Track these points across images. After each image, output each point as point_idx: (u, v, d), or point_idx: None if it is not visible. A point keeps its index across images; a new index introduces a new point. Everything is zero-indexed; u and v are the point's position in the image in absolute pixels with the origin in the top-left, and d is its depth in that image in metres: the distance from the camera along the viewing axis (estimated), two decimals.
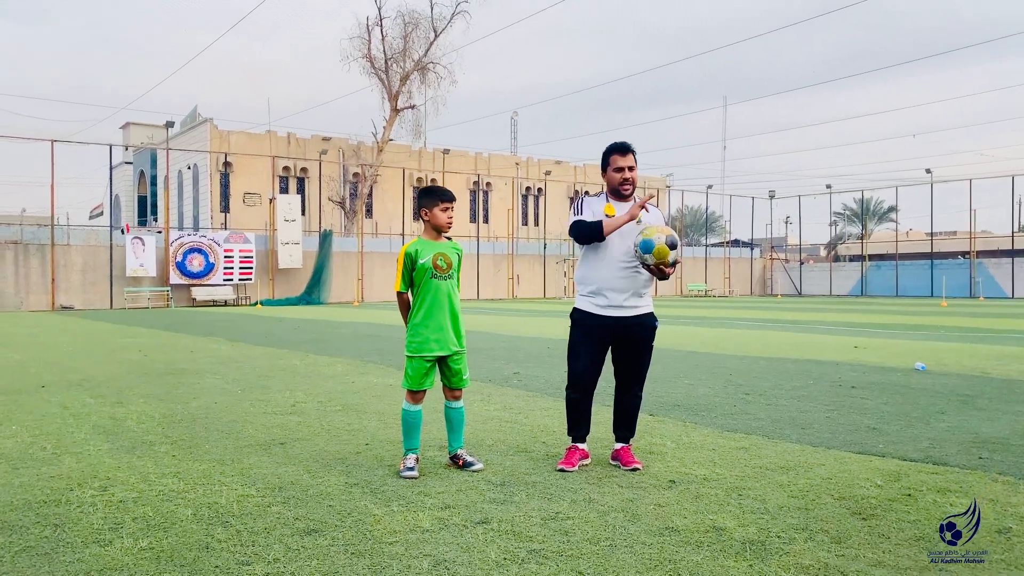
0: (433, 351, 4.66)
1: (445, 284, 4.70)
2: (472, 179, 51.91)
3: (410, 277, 4.71)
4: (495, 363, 10.40)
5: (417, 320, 4.69)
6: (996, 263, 46.75)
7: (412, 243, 4.74)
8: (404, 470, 4.54)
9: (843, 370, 9.46)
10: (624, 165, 4.72)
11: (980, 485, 4.26)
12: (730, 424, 6.10)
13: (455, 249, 4.80)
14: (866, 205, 62.25)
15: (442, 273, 4.68)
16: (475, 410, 6.74)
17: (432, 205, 4.70)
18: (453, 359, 4.73)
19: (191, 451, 5.22)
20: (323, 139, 46.26)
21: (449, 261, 4.72)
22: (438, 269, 4.67)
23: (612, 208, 4.73)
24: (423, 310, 4.67)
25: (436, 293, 4.67)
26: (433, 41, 42.80)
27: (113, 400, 7.43)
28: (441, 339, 4.67)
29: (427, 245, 4.71)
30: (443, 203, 4.70)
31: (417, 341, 4.67)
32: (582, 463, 4.79)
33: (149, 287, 34.21)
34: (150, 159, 50.83)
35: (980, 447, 5.21)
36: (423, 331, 4.66)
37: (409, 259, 4.67)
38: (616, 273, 4.69)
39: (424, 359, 4.66)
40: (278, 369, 9.91)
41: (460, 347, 4.76)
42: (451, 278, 4.73)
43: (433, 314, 4.67)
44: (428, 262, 4.65)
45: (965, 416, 6.37)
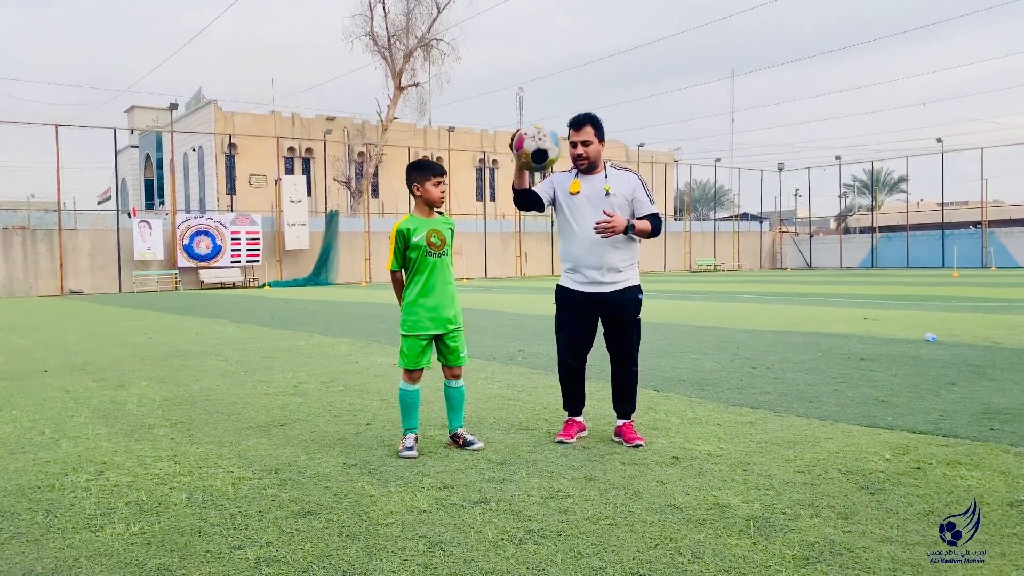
0: (428, 329, 4.57)
1: (440, 261, 4.60)
2: (478, 156, 51.62)
3: (403, 256, 4.60)
4: (500, 341, 10.33)
5: (412, 299, 4.59)
6: (1008, 232, 46.30)
7: (404, 220, 4.63)
8: (403, 450, 4.48)
9: (852, 342, 9.34)
10: (577, 140, 4.57)
11: (990, 457, 4.15)
12: (736, 399, 6.00)
13: (447, 224, 4.71)
14: (876, 176, 61.67)
15: (436, 250, 4.58)
16: (478, 388, 6.67)
17: (424, 180, 4.58)
18: (450, 336, 4.63)
19: (190, 434, 5.17)
20: (327, 119, 46.03)
21: (443, 237, 4.61)
22: (432, 246, 4.57)
23: (578, 184, 4.62)
24: (418, 288, 4.58)
25: (432, 271, 4.57)
26: (436, 17, 42.38)
27: (115, 383, 7.39)
28: (437, 317, 4.58)
29: (420, 222, 4.60)
30: (435, 177, 4.59)
31: (412, 320, 4.58)
32: (579, 435, 4.79)
33: (157, 271, 34.26)
34: (155, 142, 50.74)
35: (991, 418, 5.10)
36: (418, 310, 4.57)
37: (402, 237, 4.56)
38: (588, 248, 4.60)
39: (419, 338, 4.57)
40: (282, 350, 9.86)
41: (457, 324, 4.67)
42: (445, 254, 4.63)
43: (428, 292, 4.57)
44: (422, 239, 4.54)
45: (976, 387, 6.26)
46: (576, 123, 4.59)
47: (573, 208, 4.64)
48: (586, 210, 4.59)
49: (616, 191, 4.58)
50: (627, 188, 4.62)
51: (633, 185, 4.65)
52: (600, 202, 4.57)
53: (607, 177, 4.63)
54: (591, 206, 4.58)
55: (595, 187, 4.60)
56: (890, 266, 49.45)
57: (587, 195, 4.60)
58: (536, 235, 47.42)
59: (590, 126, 4.57)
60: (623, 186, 4.62)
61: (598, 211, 4.53)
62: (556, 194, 4.73)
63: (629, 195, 4.62)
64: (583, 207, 4.61)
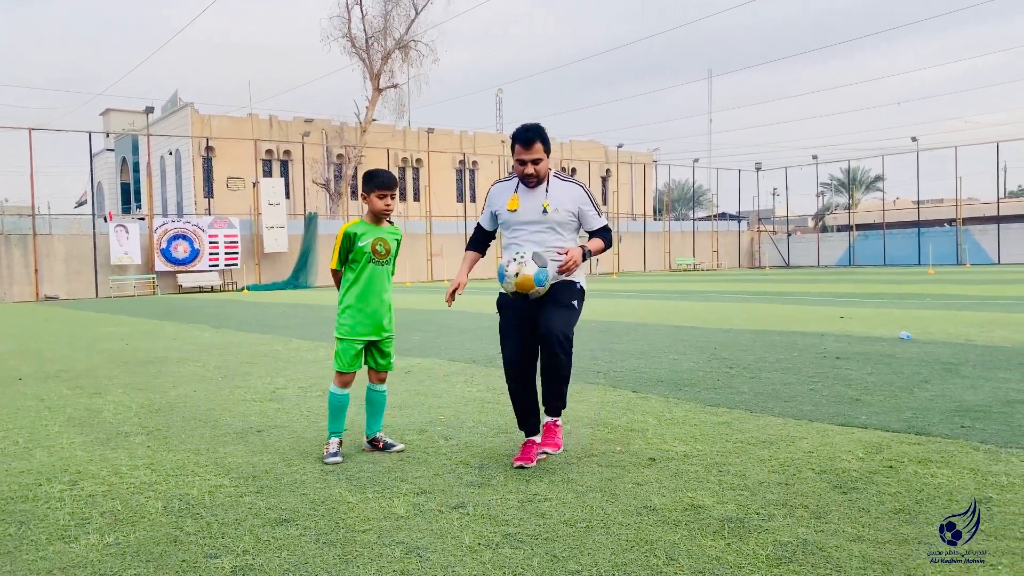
0: (364, 335, 4.65)
1: (382, 269, 4.68)
2: (458, 158, 51.58)
3: (346, 256, 4.67)
4: (480, 343, 10.33)
5: (350, 302, 4.66)
6: (982, 230, 46.93)
7: (353, 224, 4.70)
8: (328, 455, 4.51)
9: (828, 341, 9.44)
10: (527, 158, 4.24)
11: (961, 454, 4.22)
12: (713, 399, 6.05)
13: (394, 234, 4.78)
14: (853, 175, 62.26)
15: (380, 258, 4.66)
16: (457, 391, 6.68)
17: (370, 191, 4.66)
18: (384, 343, 4.73)
19: (166, 441, 5.14)
20: (305, 121, 45.80)
21: (388, 247, 4.70)
22: (376, 254, 4.64)
23: (516, 201, 4.34)
24: (357, 293, 4.65)
25: (372, 277, 4.65)
26: (414, 19, 42.30)
27: (91, 391, 7.32)
28: (373, 323, 4.65)
29: (369, 228, 4.68)
30: (379, 190, 4.64)
31: (349, 324, 4.65)
32: (540, 455, 4.36)
33: (134, 275, 33.95)
34: (132, 145, 50.24)
35: (963, 415, 5.18)
36: (356, 314, 4.64)
37: (348, 239, 4.64)
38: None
39: (355, 342, 4.64)
40: (260, 355, 9.81)
41: (390, 332, 4.76)
42: (388, 263, 4.72)
43: (367, 298, 4.64)
44: (367, 246, 4.62)
45: (948, 384, 6.35)
46: (526, 140, 4.23)
47: (511, 225, 4.38)
48: (524, 226, 4.33)
49: (558, 206, 4.30)
50: (571, 202, 4.33)
51: (578, 199, 4.36)
52: (538, 217, 4.30)
53: (548, 191, 4.33)
54: (529, 222, 4.32)
55: (534, 202, 4.33)
56: (868, 264, 49.96)
57: (525, 211, 4.33)
58: None
59: (539, 142, 4.25)
60: (566, 200, 4.33)
61: (537, 226, 4.30)
62: (495, 211, 4.47)
63: (574, 209, 4.34)
64: (520, 224, 4.34)
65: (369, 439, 4.80)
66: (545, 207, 4.29)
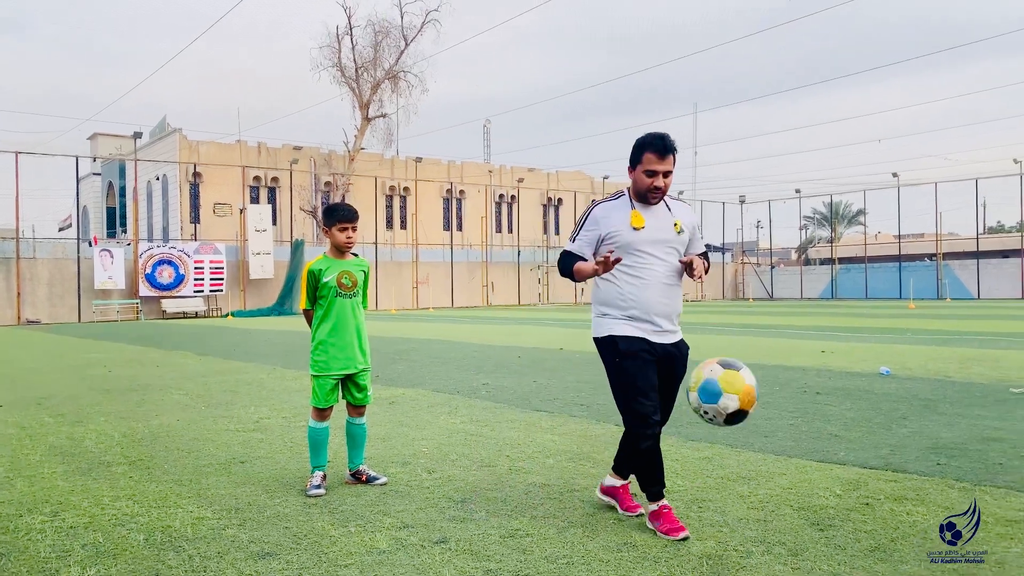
0: (338, 369, 4.69)
1: (350, 302, 4.74)
2: (445, 187, 51.80)
3: (315, 295, 4.73)
4: (464, 374, 10.36)
5: (322, 338, 4.71)
6: (961, 264, 47.48)
7: (316, 261, 4.78)
8: (311, 488, 4.54)
9: (809, 376, 9.53)
10: (660, 170, 3.78)
11: (936, 492, 4.29)
12: (695, 433, 6.10)
13: (360, 266, 4.85)
14: (835, 209, 62.97)
15: (347, 291, 4.72)
16: (440, 423, 6.70)
17: (331, 225, 4.74)
18: (359, 376, 4.77)
19: (149, 472, 5.13)
20: (294, 148, 45.92)
21: (354, 279, 4.76)
22: (343, 287, 4.71)
23: (640, 217, 3.84)
24: (326, 327, 4.71)
25: (341, 311, 4.71)
26: (404, 50, 42.68)
27: (73, 419, 7.29)
28: (347, 357, 4.70)
29: (332, 263, 4.75)
30: (340, 223, 4.72)
31: (322, 360, 4.70)
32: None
33: (118, 300, 33.74)
34: (119, 170, 50.16)
35: (938, 453, 5.26)
36: (329, 349, 4.69)
37: (313, 277, 4.71)
38: (661, 293, 3.83)
39: (330, 377, 4.68)
40: (244, 384, 9.79)
41: (366, 364, 4.81)
42: (356, 295, 4.78)
43: (338, 332, 4.70)
44: (333, 280, 4.68)
45: (926, 421, 6.44)
46: (662, 148, 3.78)
47: (637, 246, 3.82)
48: (652, 248, 3.84)
49: (684, 227, 3.93)
50: (689, 224, 3.98)
51: (694, 220, 4.04)
52: (668, 239, 3.87)
53: (671, 210, 3.93)
54: (657, 244, 3.85)
55: (660, 221, 3.87)
56: (849, 297, 50.36)
57: (654, 229, 3.85)
58: (502, 265, 47.61)
59: (673, 155, 3.83)
60: (687, 222, 3.97)
61: (664, 249, 3.85)
62: (606, 234, 3.87)
63: (691, 232, 4.00)
64: (647, 244, 3.83)
65: (352, 472, 4.82)
66: (678, 226, 3.90)
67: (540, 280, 48.38)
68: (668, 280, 3.86)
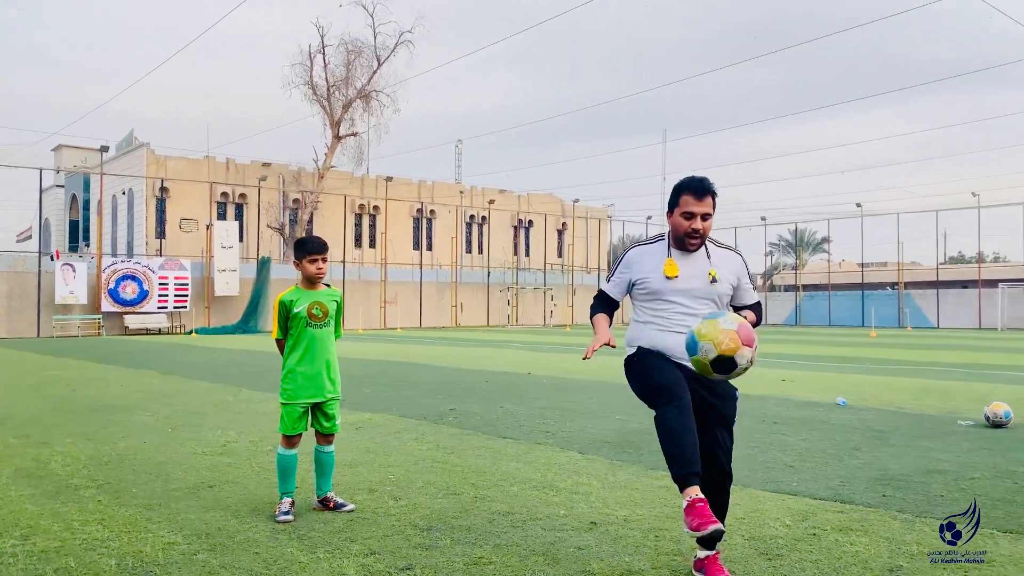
0: (306, 398, 4.82)
1: (320, 332, 4.87)
2: (416, 207, 51.92)
3: (286, 325, 4.87)
4: (432, 399, 10.47)
5: (291, 366, 4.85)
6: (922, 294, 48.63)
7: (288, 292, 4.92)
8: (279, 514, 4.64)
9: (768, 405, 9.79)
10: (698, 212, 3.62)
11: (880, 523, 4.51)
12: (656, 462, 6.28)
13: (332, 296, 4.99)
14: (800, 236, 64.12)
15: (317, 321, 4.86)
16: (407, 449, 6.82)
17: (301, 257, 4.88)
18: (327, 405, 4.89)
19: (118, 496, 5.19)
20: (263, 165, 45.80)
21: (325, 309, 4.90)
22: (313, 318, 4.84)
23: (675, 266, 3.68)
24: (296, 356, 4.84)
25: (311, 341, 4.84)
26: (376, 70, 42.94)
27: (38, 440, 7.28)
28: (315, 386, 4.83)
29: (303, 294, 4.89)
30: (311, 255, 4.86)
31: (291, 389, 4.83)
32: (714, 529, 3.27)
33: (79, 315, 33.29)
34: (83, 182, 49.60)
35: (885, 484, 5.50)
36: (297, 378, 4.82)
37: (284, 307, 4.85)
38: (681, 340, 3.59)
39: (298, 405, 4.81)
40: (210, 405, 9.81)
41: (335, 393, 4.94)
42: (327, 325, 4.91)
43: (307, 361, 4.83)
44: (303, 311, 4.82)
45: (876, 453, 6.69)
46: (700, 190, 3.65)
47: (666, 294, 3.69)
48: (684, 298, 3.67)
49: (721, 277, 3.71)
50: (731, 273, 3.76)
51: (738, 269, 3.80)
52: (704, 289, 3.68)
53: (710, 258, 3.73)
54: (688, 294, 3.68)
55: (696, 271, 3.69)
56: (813, 324, 51.25)
57: (687, 279, 3.68)
58: (472, 285, 47.76)
59: (712, 197, 3.66)
60: (727, 270, 3.75)
61: (695, 299, 3.67)
62: (638, 280, 3.77)
63: (734, 281, 3.78)
64: (680, 294, 3.68)
65: (320, 498, 4.93)
66: (713, 276, 3.68)
67: (509, 301, 48.58)
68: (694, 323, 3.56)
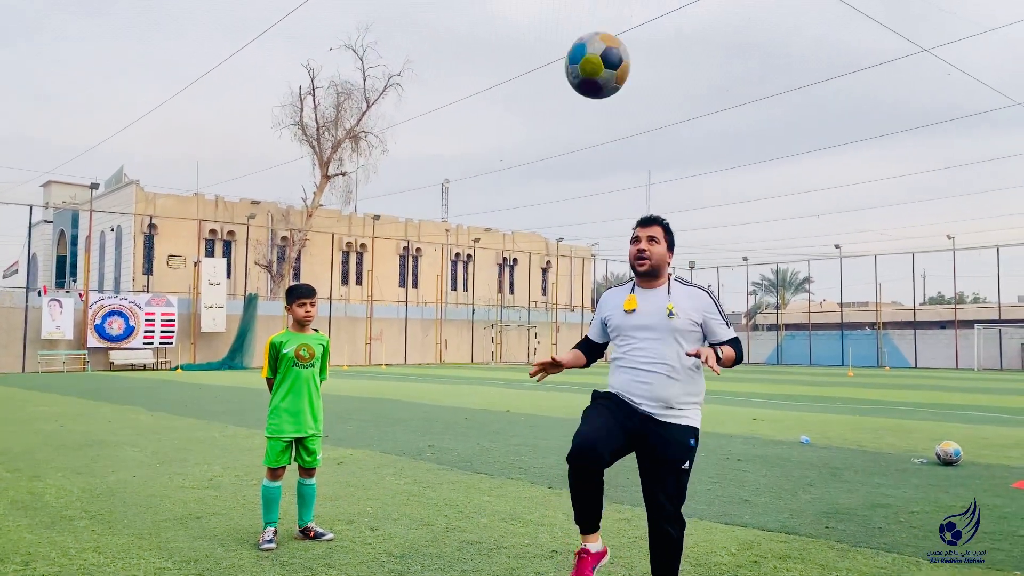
0: (289, 433, 5.20)
1: (306, 372, 5.27)
2: (402, 244, 52.46)
3: (275, 364, 5.27)
4: (411, 435, 10.81)
5: (277, 403, 5.24)
6: (900, 334, 49.37)
7: (278, 334, 5.34)
8: (263, 543, 4.98)
9: (735, 443, 10.19)
10: (643, 235, 3.88)
11: (817, 552, 4.91)
12: (619, 496, 6.65)
13: (320, 340, 5.39)
14: (782, 276, 65.04)
15: (304, 362, 5.26)
16: (385, 484, 7.16)
17: (292, 302, 5.31)
18: (309, 440, 5.27)
19: (110, 526, 5.51)
20: (252, 203, 46.31)
21: (312, 351, 5.30)
22: (300, 359, 5.25)
23: (634, 301, 3.89)
24: (281, 394, 5.24)
25: (296, 380, 5.24)
26: (365, 112, 43.71)
27: (30, 474, 7.57)
28: (298, 422, 5.22)
29: (292, 336, 5.30)
30: (300, 299, 5.29)
31: (275, 423, 5.21)
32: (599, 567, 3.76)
33: (65, 350, 33.37)
34: (71, 218, 49.90)
35: (831, 517, 5.90)
36: (282, 414, 5.21)
37: (274, 348, 5.26)
38: (636, 377, 3.82)
39: (281, 439, 5.19)
40: (196, 441, 10.11)
41: (316, 430, 5.31)
42: (313, 366, 5.31)
43: (292, 399, 5.22)
44: (291, 352, 5.23)
45: (829, 488, 7.09)
46: (646, 221, 3.95)
47: (626, 329, 3.90)
48: (642, 332, 3.84)
49: (680, 312, 3.80)
50: (694, 310, 3.83)
51: (703, 306, 3.85)
52: (660, 322, 3.80)
53: (670, 293, 3.87)
54: (645, 328, 3.84)
55: (654, 304, 3.85)
56: (794, 363, 51.82)
57: (644, 314, 3.85)
58: (457, 322, 48.12)
59: (659, 226, 3.91)
60: (689, 306, 3.83)
61: (651, 333, 3.82)
62: (606, 318, 4.03)
63: (698, 318, 3.83)
64: (638, 329, 3.86)
65: (301, 528, 5.27)
66: (670, 309, 3.80)
67: (493, 339, 48.95)
68: (650, 365, 3.77)
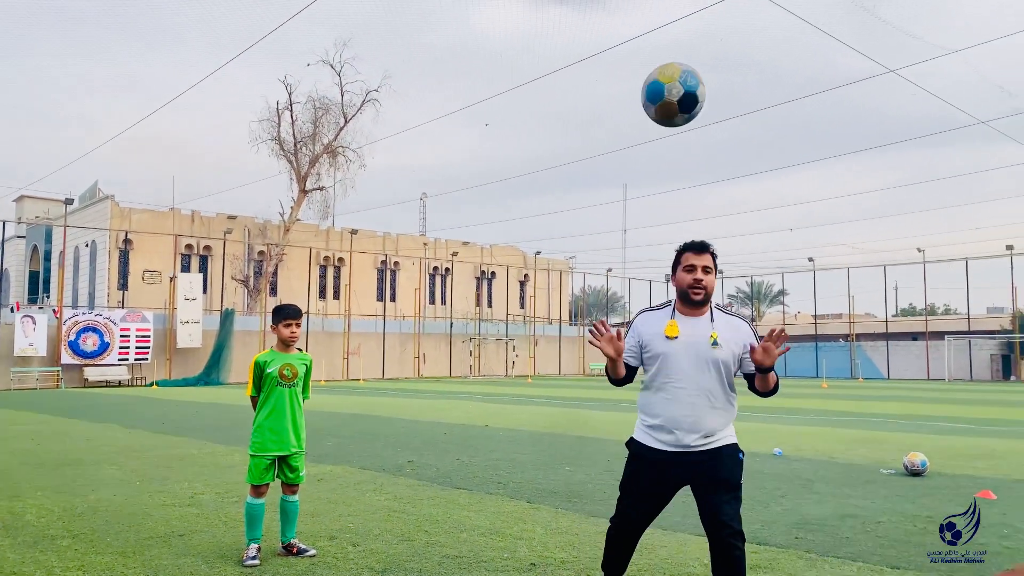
0: (272, 451, 5.32)
1: (289, 391, 5.39)
2: (380, 258, 52.46)
3: (259, 383, 5.39)
4: (390, 451, 10.89)
5: (260, 421, 5.36)
6: (873, 346, 50.06)
7: (263, 354, 5.46)
8: (247, 559, 5.07)
9: None
10: (699, 264, 3.78)
11: (785, 562, 5.08)
12: (597, 510, 6.80)
13: (303, 360, 5.51)
14: (757, 289, 65.72)
15: (287, 382, 5.38)
16: (366, 500, 7.26)
17: (277, 322, 5.42)
18: (292, 458, 5.39)
19: (93, 544, 5.56)
20: (228, 218, 46.15)
21: (295, 371, 5.42)
22: (283, 378, 5.37)
23: (675, 327, 3.78)
24: (265, 412, 5.36)
25: (279, 399, 5.36)
26: (343, 127, 43.80)
27: (9, 494, 7.58)
28: (280, 440, 5.33)
29: (276, 356, 5.42)
30: (285, 320, 5.41)
31: (259, 441, 5.33)
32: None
33: (38, 367, 33.00)
34: (45, 233, 49.40)
35: (800, 528, 6.08)
36: (265, 432, 5.33)
37: (258, 367, 5.38)
38: (687, 407, 3.73)
39: (264, 457, 5.31)
40: (176, 459, 10.12)
41: (299, 448, 5.43)
42: (296, 386, 5.43)
43: (275, 417, 5.34)
44: (275, 371, 5.35)
45: (800, 499, 7.29)
46: (700, 246, 3.83)
47: (668, 356, 3.78)
48: (684, 360, 3.75)
49: (723, 341, 3.75)
50: (736, 340, 3.80)
51: (745, 337, 3.82)
52: (703, 351, 3.74)
53: (713, 321, 3.81)
54: (691, 355, 3.75)
55: (697, 331, 3.78)
56: None
57: (687, 341, 3.77)
58: (435, 336, 48.13)
59: (710, 255, 3.83)
60: (731, 336, 3.79)
61: (701, 362, 3.74)
62: (643, 342, 3.88)
63: (739, 349, 3.79)
64: (680, 356, 3.76)
65: (284, 544, 5.36)
66: (714, 338, 3.74)
67: (472, 352, 49.00)
68: (693, 396, 3.72)
